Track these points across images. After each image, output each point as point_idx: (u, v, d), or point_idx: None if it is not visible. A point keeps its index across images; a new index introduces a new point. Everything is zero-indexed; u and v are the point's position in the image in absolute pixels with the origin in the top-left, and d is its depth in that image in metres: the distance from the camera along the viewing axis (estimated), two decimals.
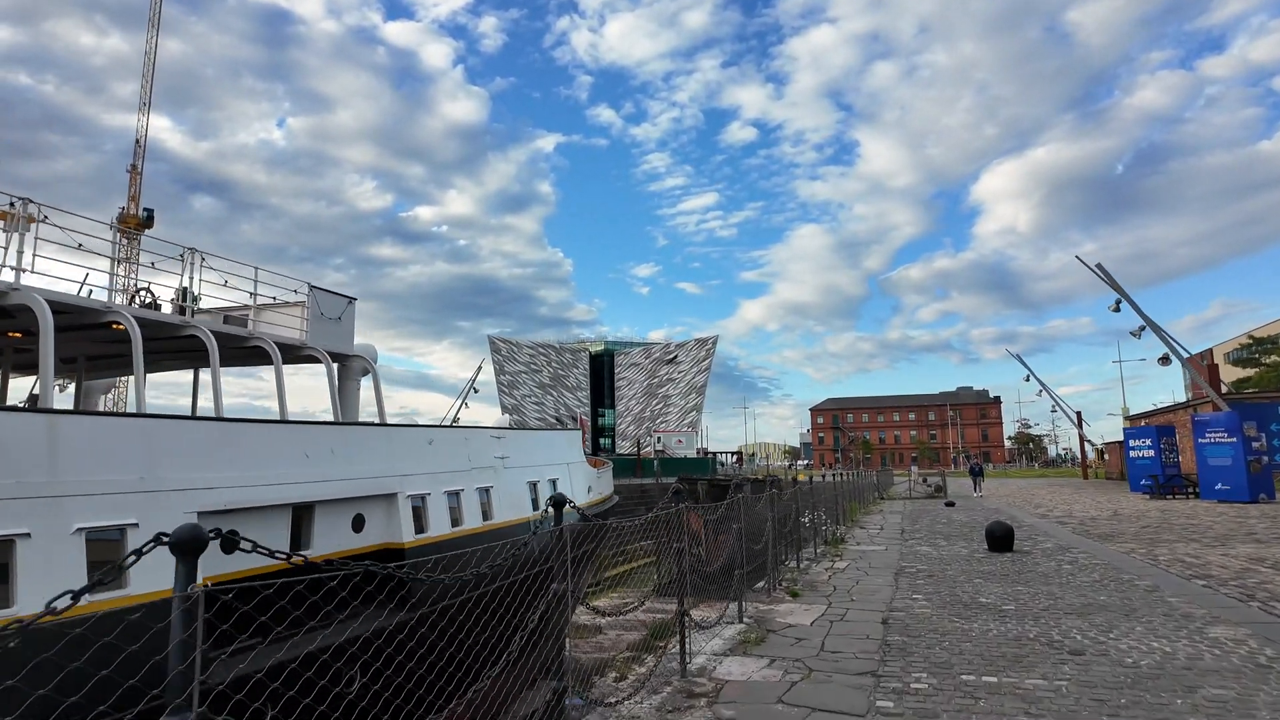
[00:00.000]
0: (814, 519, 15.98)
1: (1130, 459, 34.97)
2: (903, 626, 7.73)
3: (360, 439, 12.30)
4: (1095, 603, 8.71)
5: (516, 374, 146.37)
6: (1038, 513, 23.83)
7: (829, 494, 19.91)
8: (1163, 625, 7.46)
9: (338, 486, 11.01)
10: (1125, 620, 7.73)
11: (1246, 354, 52.73)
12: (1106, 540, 15.34)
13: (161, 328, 11.95)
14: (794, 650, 6.88)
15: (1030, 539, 15.93)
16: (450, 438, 15.23)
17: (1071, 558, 12.75)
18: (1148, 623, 7.59)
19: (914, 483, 43.17)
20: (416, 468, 12.91)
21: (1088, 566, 11.65)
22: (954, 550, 14.36)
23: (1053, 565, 11.89)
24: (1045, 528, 18.57)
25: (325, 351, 15.76)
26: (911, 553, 14.19)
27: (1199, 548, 13.61)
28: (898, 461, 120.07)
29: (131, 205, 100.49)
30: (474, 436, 15.80)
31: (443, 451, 13.87)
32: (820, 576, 11.50)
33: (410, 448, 12.94)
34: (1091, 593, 9.35)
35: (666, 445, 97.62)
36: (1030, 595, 9.29)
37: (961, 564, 12.40)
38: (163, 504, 7.71)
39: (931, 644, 6.95)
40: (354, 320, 17.39)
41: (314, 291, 16.23)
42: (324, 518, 10.41)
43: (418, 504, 12.73)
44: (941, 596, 9.41)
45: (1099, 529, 17.77)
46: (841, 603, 9.24)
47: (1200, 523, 18.48)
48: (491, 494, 15.41)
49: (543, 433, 22.63)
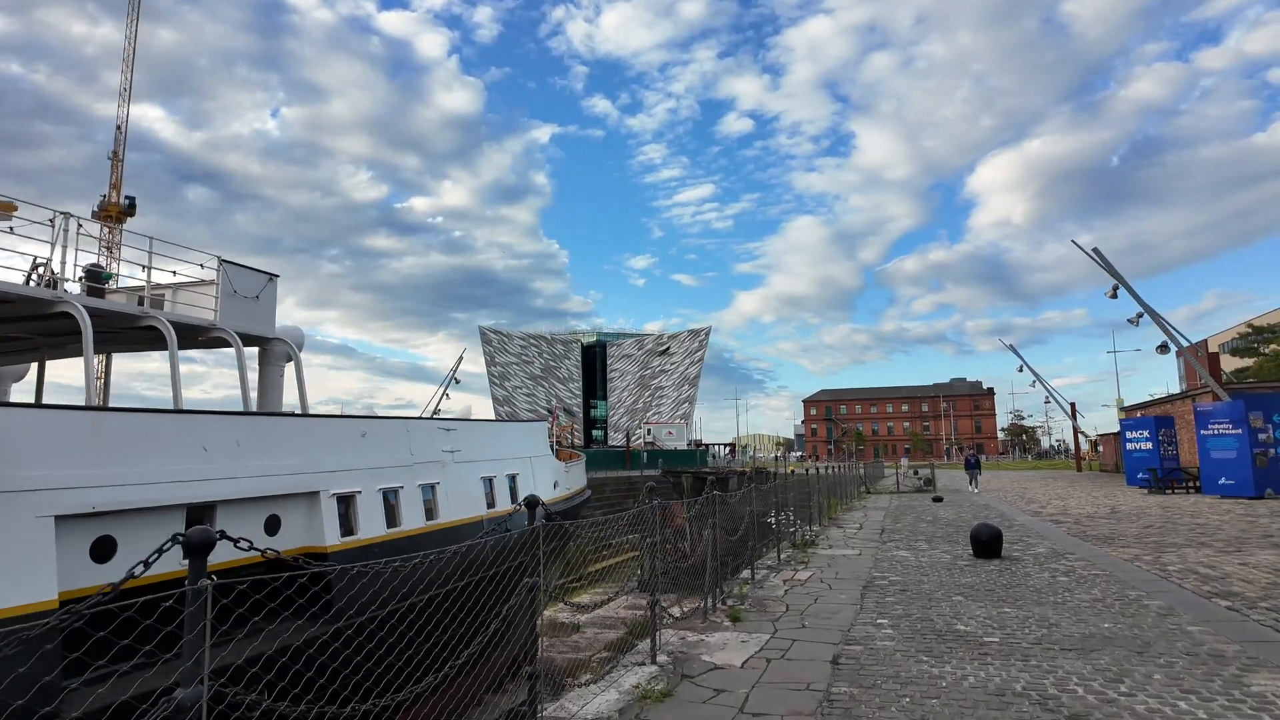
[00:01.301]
0: (779, 520, 14.33)
1: (1127, 451, 33.45)
2: (856, 670, 6.06)
3: (274, 431, 10.77)
4: (1099, 633, 7.06)
5: (508, 365, 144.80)
6: (1030, 509, 22.26)
7: (804, 489, 18.28)
8: (1188, 671, 5.79)
9: (245, 484, 9.68)
10: (1139, 662, 6.07)
11: (1245, 343, 51.21)
12: (1107, 544, 13.73)
13: (25, 305, 10.23)
14: (704, 713, 5.21)
15: (1021, 541, 14.32)
16: (388, 429, 13.66)
17: (1068, 566, 11.12)
18: (1168, 667, 5.92)
19: (902, 476, 41.64)
20: (344, 462, 11.49)
21: (1087, 579, 10.02)
22: (935, 556, 12.74)
23: (1046, 577, 10.26)
24: (1038, 527, 16.98)
25: (236, 333, 14.03)
26: (887, 559, 12.56)
27: (1212, 554, 12.00)
28: (890, 453, 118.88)
29: (114, 193, 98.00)
30: (417, 428, 14.23)
31: (378, 444, 12.39)
32: (774, 591, 9.84)
33: (337, 440, 11.50)
34: (1094, 618, 7.71)
35: (657, 437, 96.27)
36: (1019, 621, 7.64)
37: (942, 574, 10.77)
38: (10, 507, 6.43)
39: (887, 700, 5.28)
40: (275, 300, 15.59)
41: (225, 267, 14.48)
42: (228, 520, 9.13)
43: (345, 503, 11.33)
44: (912, 621, 7.76)
45: (1097, 529, 16.17)
46: (790, 630, 7.58)
47: (1208, 522, 16.90)
48: (438, 491, 13.66)
49: (501, 424, 20.96)
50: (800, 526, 15.66)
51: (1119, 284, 34.34)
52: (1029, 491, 31.74)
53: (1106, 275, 32.51)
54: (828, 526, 18.47)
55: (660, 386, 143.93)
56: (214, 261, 14.19)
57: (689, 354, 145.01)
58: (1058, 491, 31.15)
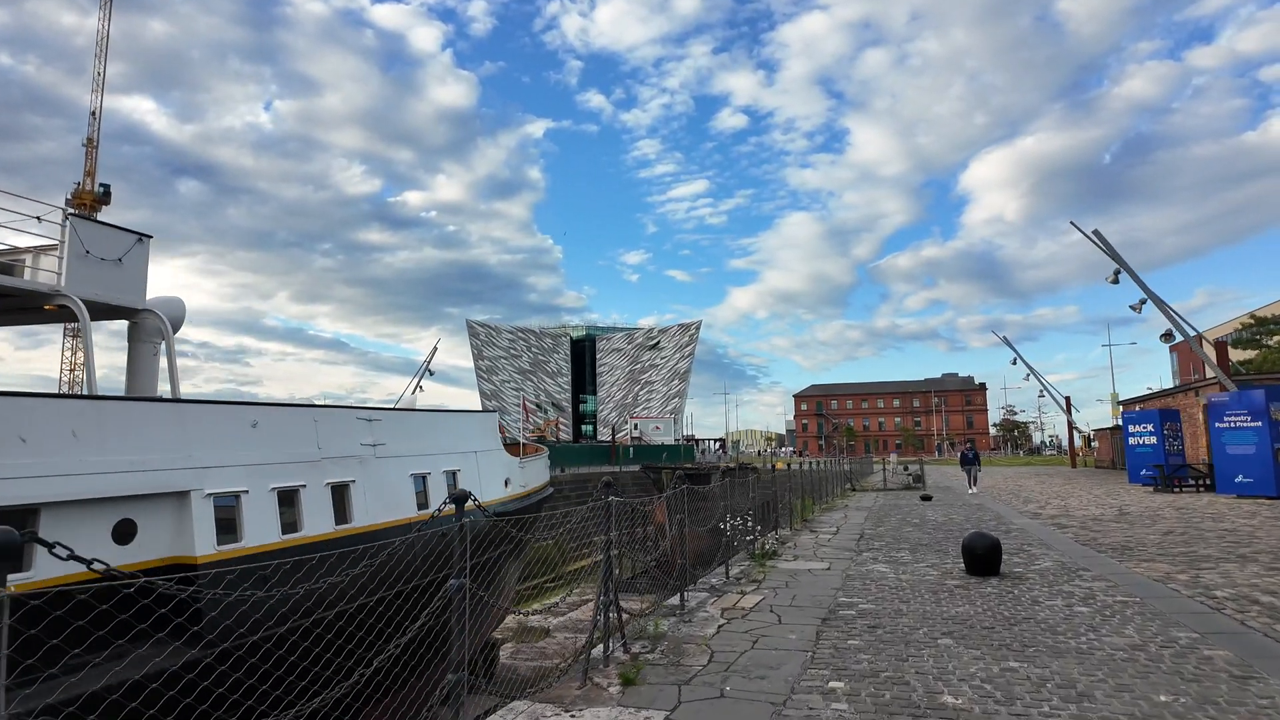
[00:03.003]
0: (733, 528, 11.96)
1: (1129, 447, 31.23)
2: None
3: (127, 419, 8.82)
4: (1153, 713, 4.70)
5: (495, 359, 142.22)
6: (1028, 510, 19.96)
7: (771, 487, 15.92)
8: None
9: (83, 483, 8.01)
10: None
11: (1248, 335, 49.22)
12: (1125, 556, 11.41)
13: None
14: None
15: (1022, 552, 11.99)
16: (289, 419, 11.36)
17: (1085, 589, 8.78)
18: None
19: (890, 472, 39.39)
20: (227, 457, 9.84)
21: (1113, 610, 7.67)
22: (919, 571, 10.38)
23: (1060, 606, 7.91)
24: (1040, 533, 14.66)
25: (87, 301, 11.60)
26: (860, 576, 10.20)
27: (1261, 571, 9.67)
28: (881, 448, 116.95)
29: (88, 180, 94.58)
30: (328, 418, 11.93)
31: (274, 436, 10.67)
32: (703, 628, 7.43)
33: (217, 431, 9.78)
34: (1139, 680, 5.34)
35: (644, 432, 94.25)
36: (1033, 686, 5.27)
37: (925, 598, 8.41)
38: None
39: None
40: (146, 264, 13.05)
41: (74, 222, 12.02)
42: (57, 527, 7.55)
43: (226, 504, 9.69)
44: (879, 685, 5.38)
45: (1109, 536, 13.86)
46: (700, 700, 5.19)
47: (1236, 528, 14.60)
48: (353, 491, 11.83)
49: (438, 414, 18.49)
50: (760, 535, 13.24)
51: (1120, 268, 32.17)
52: (1024, 489, 29.50)
53: (1099, 271, 30.43)
54: (799, 531, 16.12)
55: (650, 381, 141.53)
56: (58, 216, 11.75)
57: (679, 348, 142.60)
58: (1055, 489, 28.92)
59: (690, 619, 7.82)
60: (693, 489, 10.53)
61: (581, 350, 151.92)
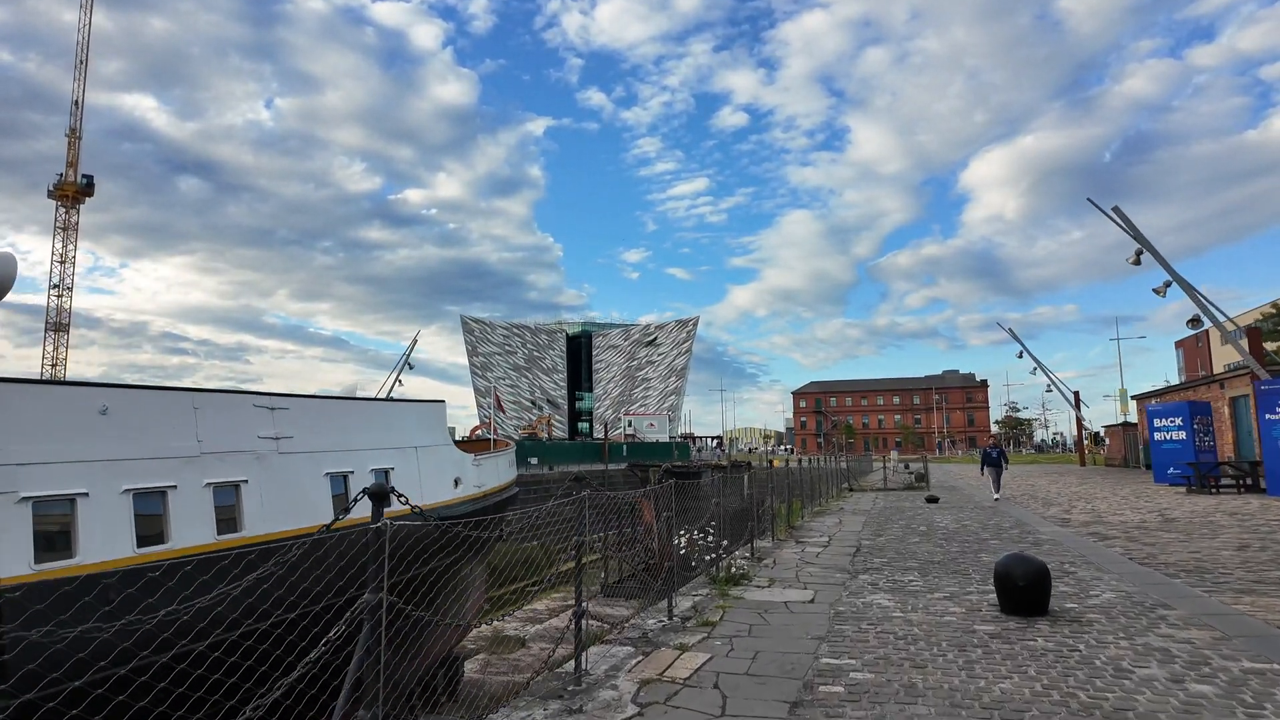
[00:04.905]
0: (693, 544, 9.15)
1: (1155, 443, 28.42)
2: None
3: None
4: None
5: (490, 356, 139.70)
6: (1052, 515, 17.14)
7: (762, 487, 13.13)
8: None
9: None
10: None
11: (1272, 325, 46.47)
12: (1207, 583, 8.58)
13: None
14: None
15: (1067, 576, 9.18)
16: (157, 405, 9.73)
17: (1184, 644, 5.96)
18: None
19: (891, 470, 36.62)
20: (57, 451, 8.09)
21: (1243, 686, 4.87)
22: (935, 607, 7.57)
23: (1162, 677, 5.09)
24: (1078, 546, 11.86)
25: None
26: (855, 614, 7.38)
27: None
28: (881, 446, 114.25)
29: (70, 171, 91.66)
30: (212, 404, 10.42)
31: (131, 427, 8.82)
32: (607, 716, 4.63)
33: (41, 419, 7.99)
34: None
35: (638, 429, 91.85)
36: None
37: (950, 662, 5.60)
38: None
39: None
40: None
41: None
42: None
43: (53, 512, 7.98)
44: None
45: (1169, 553, 11.04)
46: None
47: None
48: (245, 493, 10.04)
49: (367, 403, 15.76)
50: (727, 552, 10.33)
51: (1142, 248, 29.42)
52: (1039, 489, 26.70)
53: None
54: (783, 542, 13.31)
55: (646, 378, 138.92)
56: None
57: (676, 345, 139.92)
58: (1074, 490, 26.11)
59: (585, 702, 4.97)
60: (680, 484, 9.65)
61: (578, 346, 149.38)
